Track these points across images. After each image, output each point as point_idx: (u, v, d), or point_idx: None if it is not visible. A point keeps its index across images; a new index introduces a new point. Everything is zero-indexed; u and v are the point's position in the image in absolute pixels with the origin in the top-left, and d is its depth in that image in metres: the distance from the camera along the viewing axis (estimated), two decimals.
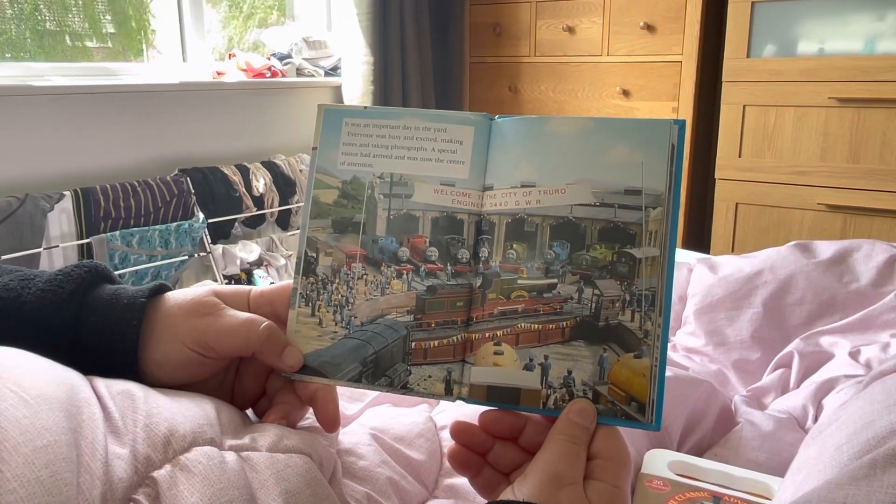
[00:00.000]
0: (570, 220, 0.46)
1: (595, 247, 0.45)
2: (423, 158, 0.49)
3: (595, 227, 0.45)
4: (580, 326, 0.44)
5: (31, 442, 0.33)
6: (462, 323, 0.47)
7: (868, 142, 2.27)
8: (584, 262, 0.45)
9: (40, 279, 0.47)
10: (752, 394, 0.88)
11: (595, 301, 0.44)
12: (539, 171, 0.47)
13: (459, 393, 0.46)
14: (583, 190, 0.46)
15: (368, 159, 0.49)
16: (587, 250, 0.45)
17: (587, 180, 0.46)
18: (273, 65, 2.75)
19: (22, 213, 1.96)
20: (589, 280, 0.45)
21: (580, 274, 0.45)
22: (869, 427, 0.47)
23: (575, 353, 0.44)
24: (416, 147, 0.49)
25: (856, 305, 0.95)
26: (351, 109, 0.50)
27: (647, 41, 2.68)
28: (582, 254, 0.45)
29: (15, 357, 0.39)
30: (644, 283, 0.44)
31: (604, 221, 0.45)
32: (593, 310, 0.44)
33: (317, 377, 0.48)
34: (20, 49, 2.29)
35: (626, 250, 0.44)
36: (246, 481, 0.40)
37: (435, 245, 0.48)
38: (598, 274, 0.45)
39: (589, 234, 0.45)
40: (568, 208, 0.46)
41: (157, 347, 0.47)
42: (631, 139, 0.45)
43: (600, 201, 0.45)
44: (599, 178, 0.45)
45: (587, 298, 0.45)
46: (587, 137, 0.46)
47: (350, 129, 0.50)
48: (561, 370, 0.44)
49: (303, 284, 0.49)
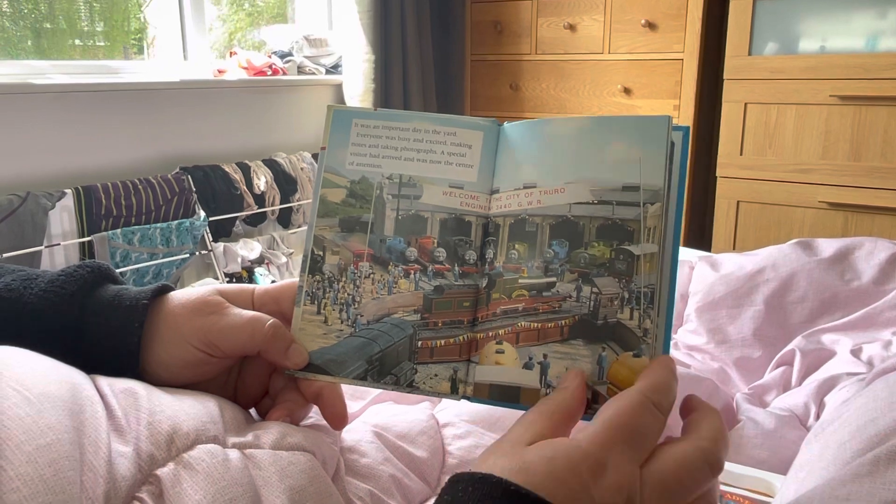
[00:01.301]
0: (569, 218, 0.46)
1: (593, 244, 0.45)
2: (432, 161, 0.49)
3: (593, 225, 0.45)
4: (579, 325, 0.44)
5: (34, 440, 0.33)
6: (468, 323, 0.47)
7: (869, 139, 2.27)
8: (582, 260, 0.45)
9: (43, 279, 0.47)
10: (753, 391, 0.88)
11: (593, 299, 0.44)
12: (540, 171, 0.47)
13: (464, 392, 0.46)
14: (581, 188, 0.45)
15: (377, 160, 0.49)
16: (585, 248, 0.45)
17: (586, 179, 0.45)
18: (274, 63, 2.75)
19: (23, 211, 1.96)
20: (587, 278, 0.45)
21: (578, 272, 0.45)
22: (871, 424, 0.47)
23: (573, 352, 0.44)
24: (426, 149, 0.49)
25: (857, 303, 0.95)
26: (361, 111, 0.51)
27: (649, 39, 2.67)
28: (580, 252, 0.45)
29: (17, 356, 0.39)
30: (643, 280, 0.43)
31: (602, 219, 0.45)
32: (592, 308, 0.44)
33: (321, 375, 0.48)
34: (19, 48, 2.29)
35: (624, 247, 0.44)
36: (249, 478, 0.40)
37: (443, 246, 0.48)
38: (597, 272, 0.44)
39: (587, 231, 0.45)
40: (567, 207, 0.46)
41: (161, 348, 0.46)
42: (628, 136, 0.45)
43: (598, 199, 0.45)
44: (597, 175, 0.45)
45: (585, 296, 0.44)
46: (585, 137, 0.46)
47: (359, 129, 0.50)
48: (560, 369, 0.44)
49: (309, 282, 0.49)
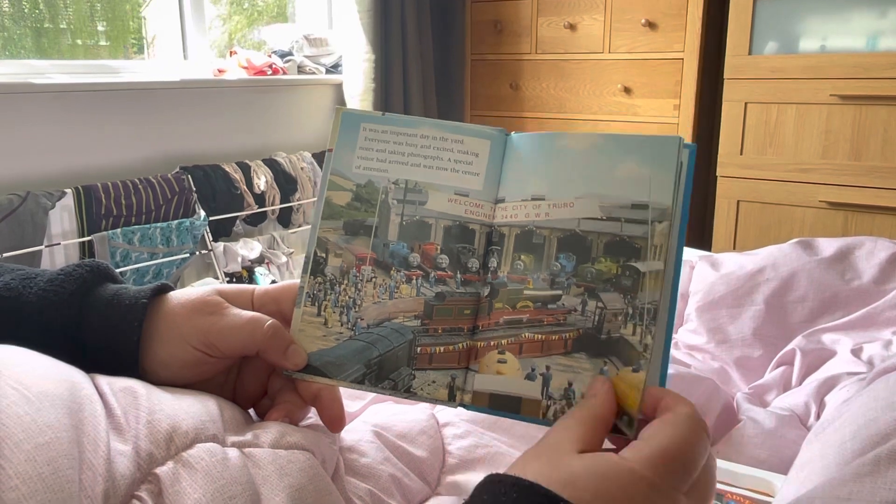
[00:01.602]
0: (577, 233, 0.46)
1: (600, 260, 0.45)
2: (438, 167, 0.49)
3: (601, 241, 0.45)
4: (582, 339, 0.44)
5: (32, 439, 0.33)
6: (468, 330, 0.47)
7: (870, 139, 2.27)
8: (588, 274, 0.45)
9: (42, 279, 0.47)
10: (754, 391, 0.88)
11: (598, 314, 0.44)
12: (549, 184, 0.47)
13: (462, 399, 0.46)
14: (591, 204, 0.46)
15: (384, 164, 0.50)
16: (592, 263, 0.45)
17: (595, 194, 0.46)
18: (274, 62, 2.75)
19: (23, 210, 1.96)
20: (593, 293, 0.45)
21: (585, 286, 0.45)
22: (872, 424, 0.47)
23: (576, 365, 0.44)
24: (433, 156, 0.49)
25: (858, 303, 0.95)
26: (369, 115, 0.51)
27: (649, 38, 2.67)
28: (587, 266, 0.45)
29: (17, 354, 0.39)
30: (647, 297, 0.43)
31: (610, 235, 0.45)
32: (596, 322, 0.44)
33: (319, 377, 0.47)
34: (18, 47, 2.29)
35: (630, 264, 0.44)
36: (249, 477, 0.40)
37: (446, 253, 0.48)
38: (603, 287, 0.44)
39: (595, 247, 0.45)
40: (576, 221, 0.46)
41: (160, 347, 0.46)
42: (639, 155, 0.45)
43: (607, 215, 0.45)
44: (607, 192, 0.45)
45: (591, 311, 0.45)
46: (596, 153, 0.46)
47: (367, 133, 0.50)
48: (562, 381, 0.44)
49: (310, 284, 0.49)
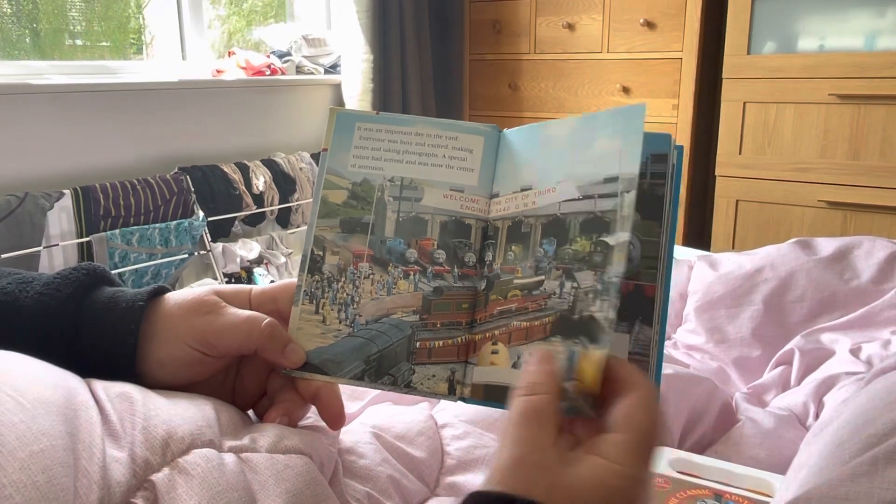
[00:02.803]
0: (558, 216, 0.46)
1: (577, 240, 0.45)
2: (433, 164, 0.50)
3: (577, 221, 0.45)
4: (559, 321, 0.44)
5: (27, 447, 0.33)
6: (466, 324, 0.47)
7: (868, 138, 2.27)
8: (566, 256, 0.45)
9: (38, 282, 0.47)
10: (752, 391, 0.88)
11: (573, 294, 0.44)
12: (535, 174, 0.48)
13: (462, 393, 0.46)
14: (569, 186, 0.46)
15: (379, 163, 0.50)
16: (570, 244, 0.45)
17: (573, 175, 0.46)
18: (272, 62, 2.75)
19: (21, 211, 1.96)
20: (570, 273, 0.44)
21: (563, 269, 0.45)
22: (870, 424, 0.47)
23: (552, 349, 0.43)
24: (428, 153, 0.50)
25: (856, 302, 0.95)
26: (364, 114, 0.51)
27: (648, 38, 2.67)
28: (565, 248, 0.45)
29: (11, 360, 0.39)
30: (613, 271, 0.41)
31: (585, 213, 0.45)
32: (571, 303, 0.44)
33: (318, 374, 0.48)
34: (18, 48, 2.29)
35: (601, 239, 0.44)
36: (245, 483, 0.40)
37: (443, 248, 0.49)
38: (578, 266, 0.44)
39: (572, 227, 0.45)
40: (556, 206, 0.46)
41: (158, 348, 0.46)
42: (611, 129, 0.45)
43: (583, 194, 0.45)
44: (584, 171, 0.45)
45: (567, 292, 0.44)
46: (575, 135, 0.46)
47: (362, 133, 0.51)
48: None
49: (308, 282, 0.49)
